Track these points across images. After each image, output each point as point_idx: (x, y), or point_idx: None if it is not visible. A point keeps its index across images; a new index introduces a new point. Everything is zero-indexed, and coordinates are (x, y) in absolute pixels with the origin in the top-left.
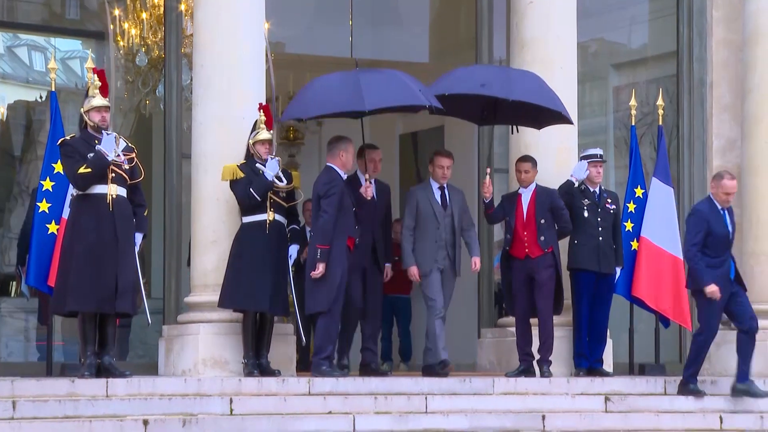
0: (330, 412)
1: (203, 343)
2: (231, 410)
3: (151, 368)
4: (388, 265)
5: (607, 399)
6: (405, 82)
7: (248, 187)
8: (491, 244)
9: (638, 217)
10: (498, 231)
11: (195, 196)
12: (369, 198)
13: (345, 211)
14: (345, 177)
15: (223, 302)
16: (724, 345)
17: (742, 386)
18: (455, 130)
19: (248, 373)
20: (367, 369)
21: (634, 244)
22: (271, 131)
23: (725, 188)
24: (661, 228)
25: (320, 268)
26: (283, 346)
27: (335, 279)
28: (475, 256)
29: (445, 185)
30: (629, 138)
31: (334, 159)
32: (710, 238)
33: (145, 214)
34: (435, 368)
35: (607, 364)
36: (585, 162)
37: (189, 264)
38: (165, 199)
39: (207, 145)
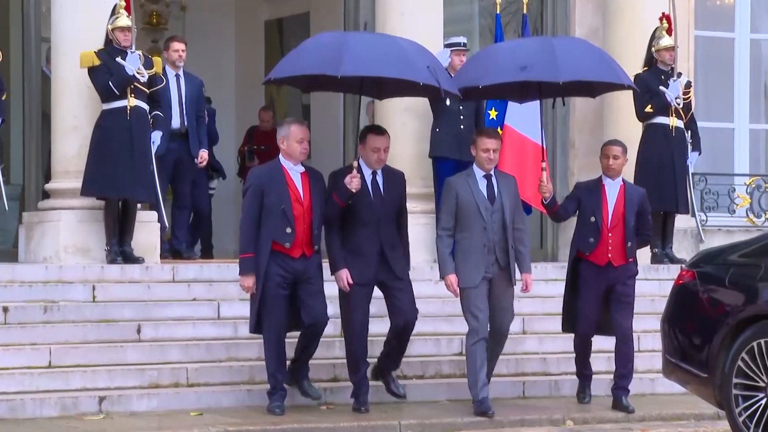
0: (194, 299)
1: (65, 230)
2: (93, 297)
3: (10, 255)
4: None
5: None
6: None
7: (107, 80)
8: None
9: (502, 105)
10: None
11: (55, 81)
12: (354, 191)
13: (269, 210)
14: (295, 167)
15: (86, 190)
16: None
17: None
18: (322, 15)
19: (111, 260)
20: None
21: (498, 132)
22: (130, 17)
23: None
24: (524, 116)
25: (246, 282)
26: (146, 234)
27: (258, 295)
28: (525, 272)
29: (492, 172)
30: (494, 26)
31: (280, 149)
32: None
33: (3, 98)
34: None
35: None
36: (447, 50)
37: None
38: (24, 83)
39: (67, 28)
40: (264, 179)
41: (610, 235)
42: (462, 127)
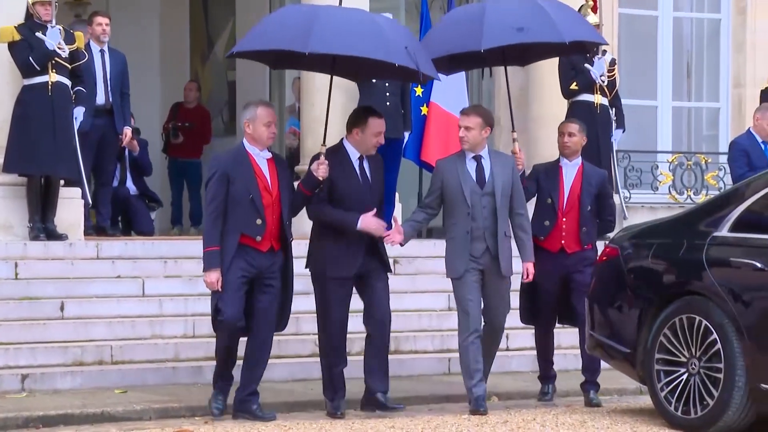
0: (119, 276)
1: None
2: (16, 274)
3: None
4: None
5: (395, 262)
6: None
7: (28, 55)
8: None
9: (427, 83)
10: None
11: None
12: (321, 178)
13: (235, 200)
14: (261, 153)
15: (7, 167)
16: None
17: None
18: None
19: (34, 237)
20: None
21: (424, 109)
22: None
23: None
24: (451, 93)
25: (210, 277)
26: (70, 210)
27: (222, 291)
28: (526, 260)
29: (483, 153)
30: (420, 3)
31: (244, 132)
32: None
33: None
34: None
35: None
36: None
37: None
38: None
39: None
40: (229, 166)
41: (564, 219)
42: (388, 104)
